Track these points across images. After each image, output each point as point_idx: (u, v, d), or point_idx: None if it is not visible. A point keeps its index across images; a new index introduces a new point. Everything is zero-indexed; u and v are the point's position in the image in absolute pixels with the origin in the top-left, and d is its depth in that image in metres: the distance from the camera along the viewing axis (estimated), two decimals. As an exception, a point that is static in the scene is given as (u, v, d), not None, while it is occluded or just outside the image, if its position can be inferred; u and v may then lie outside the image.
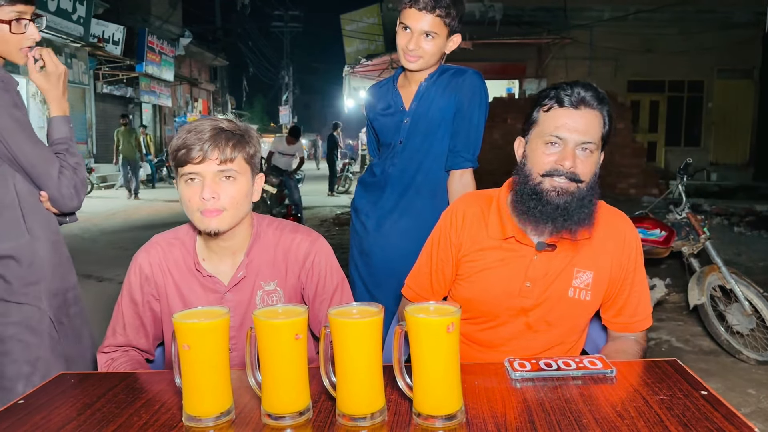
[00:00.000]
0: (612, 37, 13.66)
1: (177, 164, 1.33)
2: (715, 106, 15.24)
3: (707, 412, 0.99)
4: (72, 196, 1.69)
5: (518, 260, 1.48)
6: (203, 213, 1.33)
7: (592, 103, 1.40)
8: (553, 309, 1.48)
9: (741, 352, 3.55)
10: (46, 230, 1.69)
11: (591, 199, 1.42)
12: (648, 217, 4.04)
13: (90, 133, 17.22)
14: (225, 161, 1.32)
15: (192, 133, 1.32)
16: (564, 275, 1.47)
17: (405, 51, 2.01)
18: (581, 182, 1.40)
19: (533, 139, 1.46)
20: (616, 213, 1.53)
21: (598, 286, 1.47)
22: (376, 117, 2.20)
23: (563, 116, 1.40)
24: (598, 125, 1.42)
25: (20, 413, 1.06)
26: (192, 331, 1.00)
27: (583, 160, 1.41)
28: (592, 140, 1.40)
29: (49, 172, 1.63)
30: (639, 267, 1.50)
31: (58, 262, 1.72)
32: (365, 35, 17.50)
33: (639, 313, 1.49)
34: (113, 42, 17.35)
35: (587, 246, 1.47)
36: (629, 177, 10.60)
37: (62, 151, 1.69)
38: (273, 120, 43.45)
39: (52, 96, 1.69)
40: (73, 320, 1.75)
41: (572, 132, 1.39)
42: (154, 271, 1.47)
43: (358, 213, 2.24)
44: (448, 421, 0.97)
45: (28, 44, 1.65)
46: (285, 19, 39.47)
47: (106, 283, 5.48)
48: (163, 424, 1.02)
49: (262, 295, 1.45)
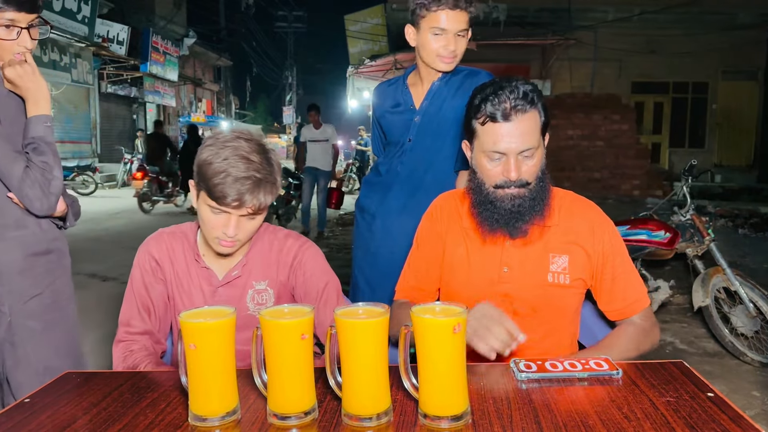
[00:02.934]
0: (616, 38, 13.63)
1: (206, 192, 1.36)
2: (720, 107, 15.20)
3: (714, 414, 0.99)
4: (38, 197, 1.59)
5: (493, 247, 1.52)
6: (220, 242, 1.40)
7: (523, 107, 1.40)
8: (535, 294, 1.50)
9: (745, 354, 3.54)
10: (15, 232, 1.63)
11: (542, 194, 1.46)
12: (652, 219, 4.04)
13: (94, 132, 17.28)
14: (257, 211, 1.38)
15: (231, 178, 1.32)
16: (541, 262, 1.50)
17: (441, 55, 2.00)
18: (529, 184, 1.44)
19: (476, 152, 1.48)
20: (584, 201, 1.56)
21: (575, 268, 1.49)
22: (384, 114, 2.20)
23: (498, 130, 1.41)
24: (535, 125, 1.43)
25: (26, 412, 1.06)
26: (198, 330, 1.00)
27: (528, 164, 1.43)
28: (531, 145, 1.41)
29: (11, 171, 1.56)
30: (618, 251, 1.51)
31: (27, 267, 1.65)
32: (369, 36, 17.50)
33: (630, 296, 1.50)
34: (118, 42, 17.41)
35: (558, 232, 1.50)
36: (633, 178, 10.59)
37: (30, 150, 1.61)
38: (276, 120, 43.51)
39: (29, 96, 1.63)
40: (49, 326, 1.70)
41: (510, 144, 1.40)
42: (161, 257, 1.53)
43: (363, 212, 2.23)
44: (454, 421, 0.97)
45: (20, 51, 1.60)
46: (289, 20, 39.52)
47: (110, 282, 5.49)
48: (169, 423, 1.02)
49: (252, 294, 1.52)
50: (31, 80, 1.61)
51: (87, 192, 13.38)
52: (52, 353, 1.71)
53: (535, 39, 13.57)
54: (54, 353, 1.71)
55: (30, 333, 1.67)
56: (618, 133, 10.68)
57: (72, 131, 16.24)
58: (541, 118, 1.44)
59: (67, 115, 15.96)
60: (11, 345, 1.65)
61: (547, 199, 1.48)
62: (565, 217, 1.52)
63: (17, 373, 1.67)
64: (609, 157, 10.58)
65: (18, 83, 1.61)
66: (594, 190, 9.79)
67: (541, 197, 1.46)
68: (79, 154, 16.04)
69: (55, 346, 1.72)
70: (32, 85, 1.62)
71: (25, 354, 1.66)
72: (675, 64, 14.31)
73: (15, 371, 1.67)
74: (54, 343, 1.72)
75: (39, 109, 1.64)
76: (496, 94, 1.40)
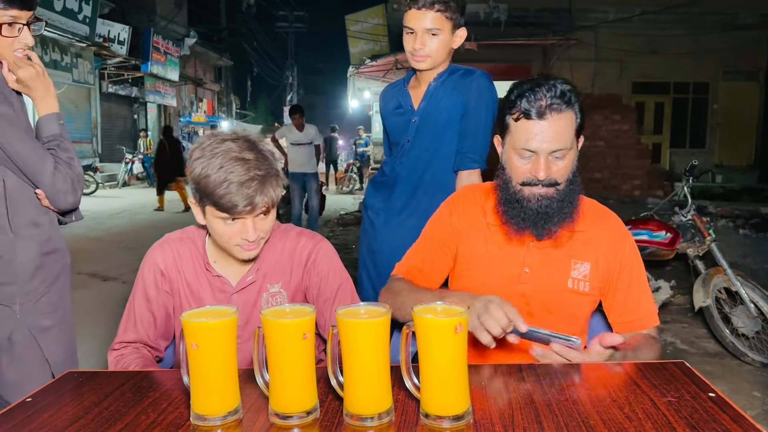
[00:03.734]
0: (617, 39, 13.63)
1: (213, 205, 1.31)
2: (721, 107, 15.20)
3: (715, 414, 0.99)
4: (68, 191, 1.65)
5: (516, 246, 1.49)
6: (243, 247, 1.36)
7: (559, 107, 1.37)
8: (552, 297, 1.48)
9: (746, 355, 3.54)
10: (32, 230, 1.65)
11: (572, 197, 1.43)
12: (653, 219, 4.04)
13: (95, 132, 17.29)
14: (268, 209, 1.35)
15: (234, 185, 1.27)
16: (563, 267, 1.48)
17: (412, 53, 2.03)
18: (559, 185, 1.41)
19: (507, 148, 1.45)
20: (607, 211, 1.55)
21: (595, 276, 1.47)
22: (388, 116, 2.24)
23: (531, 128, 1.37)
24: (570, 126, 1.39)
25: (28, 411, 1.06)
26: (200, 330, 1.00)
27: (558, 165, 1.40)
28: (563, 146, 1.38)
29: (43, 169, 1.60)
30: (635, 264, 1.49)
31: (40, 265, 1.67)
32: (370, 36, 17.52)
33: (642, 310, 1.48)
34: (119, 42, 17.43)
35: (583, 238, 1.48)
36: (634, 178, 10.58)
37: (53, 147, 1.65)
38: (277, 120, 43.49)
39: (38, 96, 1.65)
40: (57, 324, 1.71)
41: (542, 143, 1.37)
42: (168, 267, 1.49)
43: (368, 210, 2.27)
44: (455, 421, 0.97)
45: (20, 47, 1.61)
46: (290, 20, 39.55)
47: (110, 282, 5.49)
48: (171, 422, 1.02)
49: (267, 297, 1.49)
50: (40, 81, 1.64)
51: (88, 192, 13.40)
52: (60, 349, 1.72)
53: (536, 39, 13.57)
54: (62, 349, 1.73)
55: (42, 330, 1.67)
56: (619, 134, 10.67)
57: (73, 131, 16.25)
58: (577, 119, 1.41)
59: (68, 114, 15.97)
60: (9, 342, 1.64)
61: (577, 203, 1.44)
62: (590, 224, 1.49)
63: (11, 371, 1.66)
64: (610, 157, 10.58)
65: (29, 84, 1.62)
66: (595, 190, 9.78)
67: (570, 200, 1.42)
68: (80, 154, 16.04)
69: (63, 342, 1.74)
70: (41, 86, 1.64)
71: (37, 351, 1.66)
72: (676, 65, 14.32)
73: (9, 370, 1.65)
74: (62, 339, 1.74)
75: (49, 107, 1.67)
76: (533, 91, 1.37)
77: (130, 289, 1.54)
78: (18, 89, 1.64)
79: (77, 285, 1.87)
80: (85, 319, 1.91)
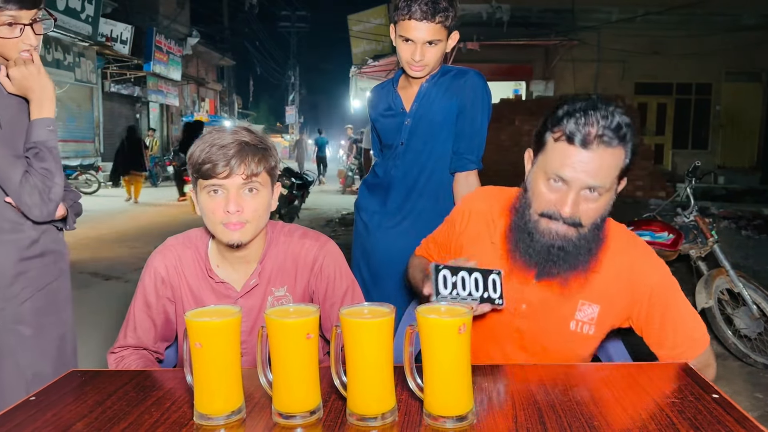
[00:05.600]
0: (620, 39, 13.62)
1: (200, 177, 1.33)
2: (723, 109, 15.18)
3: (719, 415, 0.99)
4: (36, 204, 1.54)
5: (516, 277, 1.34)
6: (226, 225, 1.34)
7: (611, 141, 1.18)
8: (551, 338, 1.35)
9: (748, 356, 3.53)
10: (9, 235, 1.59)
11: (592, 244, 1.26)
12: (655, 220, 4.03)
13: (97, 131, 17.31)
14: (251, 176, 1.32)
15: (216, 147, 1.30)
16: (567, 308, 1.33)
17: (410, 63, 1.99)
18: (582, 227, 1.24)
19: (537, 167, 1.27)
20: (633, 243, 1.36)
21: (604, 320, 1.33)
22: (378, 118, 2.21)
23: (571, 154, 1.19)
24: (615, 165, 1.21)
25: (31, 410, 1.06)
26: (204, 329, 1.00)
27: (589, 205, 1.22)
28: (601, 184, 1.20)
29: (9, 176, 1.52)
30: (667, 297, 1.32)
31: (22, 270, 1.60)
32: (372, 36, 17.52)
33: (680, 344, 1.31)
34: (121, 41, 17.44)
35: (598, 279, 1.31)
36: (636, 179, 10.56)
37: (31, 155, 1.55)
38: (279, 120, 43.53)
39: (33, 97, 1.58)
40: (40, 331, 1.65)
41: (579, 173, 1.19)
42: (169, 273, 1.47)
43: (361, 212, 2.25)
44: (458, 422, 0.97)
45: (24, 48, 1.56)
46: (292, 20, 39.60)
47: (112, 281, 5.49)
48: (174, 422, 1.02)
49: (272, 301, 1.47)
50: (36, 81, 1.57)
51: (90, 191, 13.40)
52: (39, 358, 1.65)
53: (539, 40, 13.57)
54: (42, 358, 1.65)
55: (19, 338, 1.61)
56: (621, 134, 10.65)
57: (75, 130, 16.28)
58: (626, 159, 1.23)
59: (71, 114, 15.98)
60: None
61: (596, 251, 1.27)
62: (612, 261, 1.31)
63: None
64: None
65: (22, 83, 1.56)
66: (597, 190, 9.75)
67: (589, 248, 1.26)
68: (82, 153, 16.07)
69: (44, 351, 1.66)
70: (37, 86, 1.57)
71: (11, 360, 1.60)
72: (678, 66, 14.30)
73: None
74: (43, 348, 1.66)
75: (43, 112, 1.58)
76: (585, 114, 1.19)
77: (131, 289, 1.53)
78: (14, 92, 1.58)
79: (79, 285, 1.85)
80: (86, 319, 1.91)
